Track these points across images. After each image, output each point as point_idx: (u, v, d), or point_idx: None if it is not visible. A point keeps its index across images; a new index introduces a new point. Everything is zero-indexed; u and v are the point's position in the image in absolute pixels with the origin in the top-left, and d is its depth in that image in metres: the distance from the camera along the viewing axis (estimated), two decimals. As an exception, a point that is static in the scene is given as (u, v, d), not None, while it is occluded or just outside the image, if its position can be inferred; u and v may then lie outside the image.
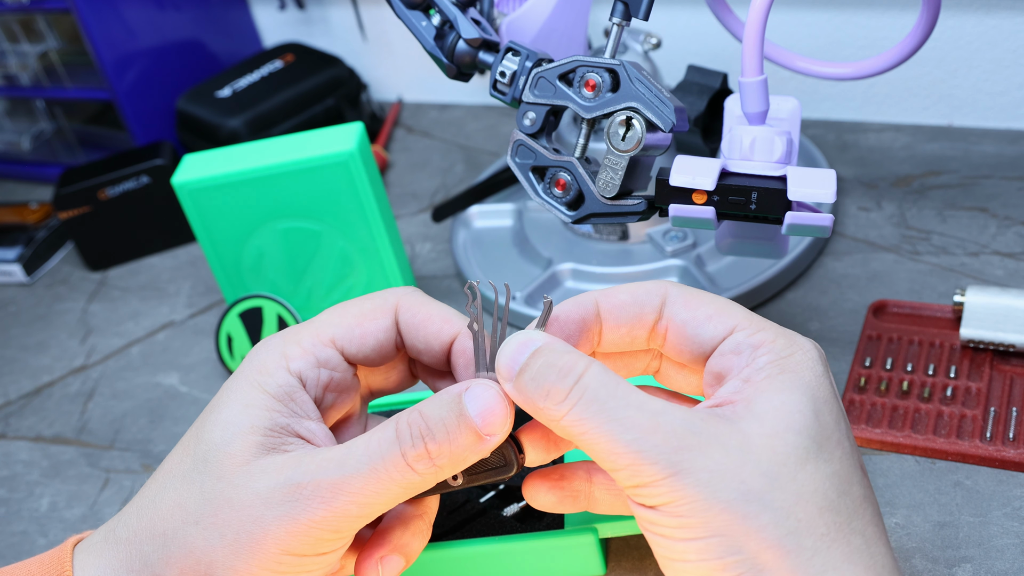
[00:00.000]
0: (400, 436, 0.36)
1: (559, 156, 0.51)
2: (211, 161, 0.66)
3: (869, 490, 0.35)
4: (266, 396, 0.38)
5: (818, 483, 0.33)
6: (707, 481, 0.32)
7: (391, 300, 0.42)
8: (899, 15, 0.77)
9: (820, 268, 0.66)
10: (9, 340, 0.79)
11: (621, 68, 0.48)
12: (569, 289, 0.68)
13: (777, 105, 0.51)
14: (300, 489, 0.36)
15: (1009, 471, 0.49)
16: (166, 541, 0.37)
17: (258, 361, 0.39)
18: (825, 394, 0.35)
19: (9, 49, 0.98)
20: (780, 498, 0.32)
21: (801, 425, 0.34)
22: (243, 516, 0.36)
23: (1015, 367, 0.54)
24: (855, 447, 0.35)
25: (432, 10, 0.54)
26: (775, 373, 0.35)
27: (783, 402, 0.34)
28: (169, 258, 0.86)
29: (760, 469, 0.33)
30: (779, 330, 0.37)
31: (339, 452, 0.37)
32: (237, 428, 0.37)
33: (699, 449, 0.33)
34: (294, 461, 0.37)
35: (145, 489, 0.40)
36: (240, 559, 0.36)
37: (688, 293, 0.39)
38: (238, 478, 0.37)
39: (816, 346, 0.37)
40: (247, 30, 1.08)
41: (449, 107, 1.01)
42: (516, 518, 0.49)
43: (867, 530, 0.33)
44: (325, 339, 0.40)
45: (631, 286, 0.40)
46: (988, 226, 0.67)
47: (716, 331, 0.37)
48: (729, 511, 0.32)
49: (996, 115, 0.78)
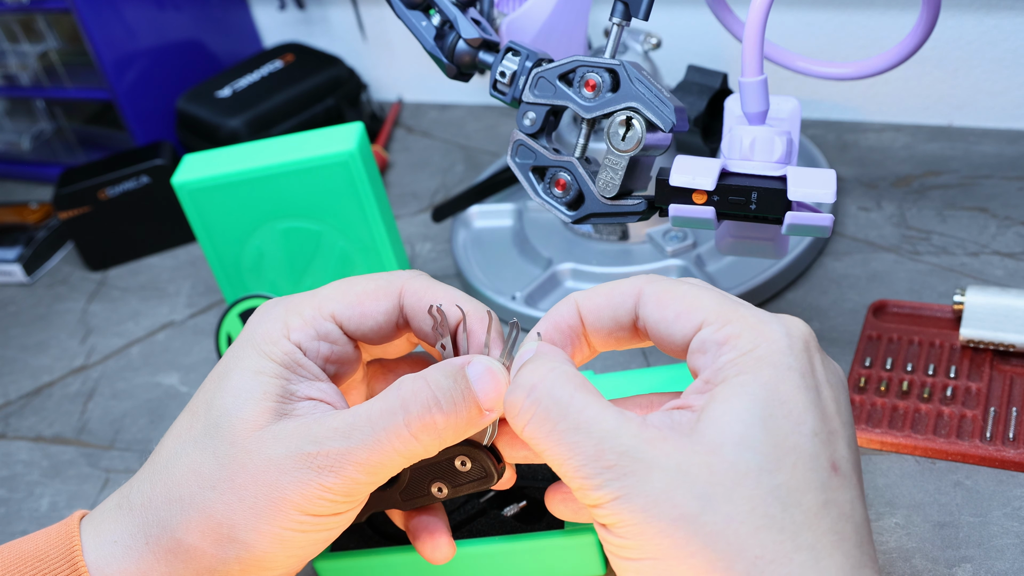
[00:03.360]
0: (405, 405, 0.37)
1: (559, 156, 0.51)
2: (211, 161, 0.66)
3: (840, 489, 0.33)
4: (273, 364, 0.39)
5: (756, 501, 0.31)
6: (644, 506, 0.32)
7: (396, 283, 0.42)
8: (899, 15, 0.77)
9: (820, 268, 0.66)
10: (9, 340, 0.79)
11: (621, 68, 0.48)
12: (569, 289, 0.68)
13: (777, 105, 0.51)
14: (310, 458, 0.37)
15: (1009, 471, 0.49)
16: (183, 506, 0.38)
17: (262, 330, 0.40)
18: (787, 391, 0.33)
19: (9, 49, 0.98)
20: (712, 521, 0.31)
21: (742, 436, 0.32)
22: (259, 480, 0.37)
23: (1015, 367, 0.54)
24: (830, 445, 0.33)
25: (432, 10, 0.54)
26: (732, 375, 0.34)
27: (729, 411, 0.33)
28: (169, 258, 0.86)
29: (695, 492, 0.32)
30: (748, 321, 0.35)
31: (345, 422, 0.37)
32: (249, 394, 0.38)
33: (640, 474, 0.32)
34: (304, 429, 0.37)
35: (155, 456, 0.40)
36: (262, 520, 0.37)
37: (660, 290, 0.37)
38: (251, 443, 0.37)
39: (791, 331, 0.35)
40: (247, 30, 1.08)
41: (449, 107, 1.01)
42: (516, 518, 0.49)
43: (819, 543, 0.31)
44: (325, 313, 0.41)
45: (607, 287, 0.39)
46: (988, 226, 0.67)
47: (685, 329, 0.36)
48: (663, 535, 0.32)
49: (996, 115, 0.78)
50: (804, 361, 0.34)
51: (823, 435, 0.33)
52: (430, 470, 0.41)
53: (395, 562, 0.48)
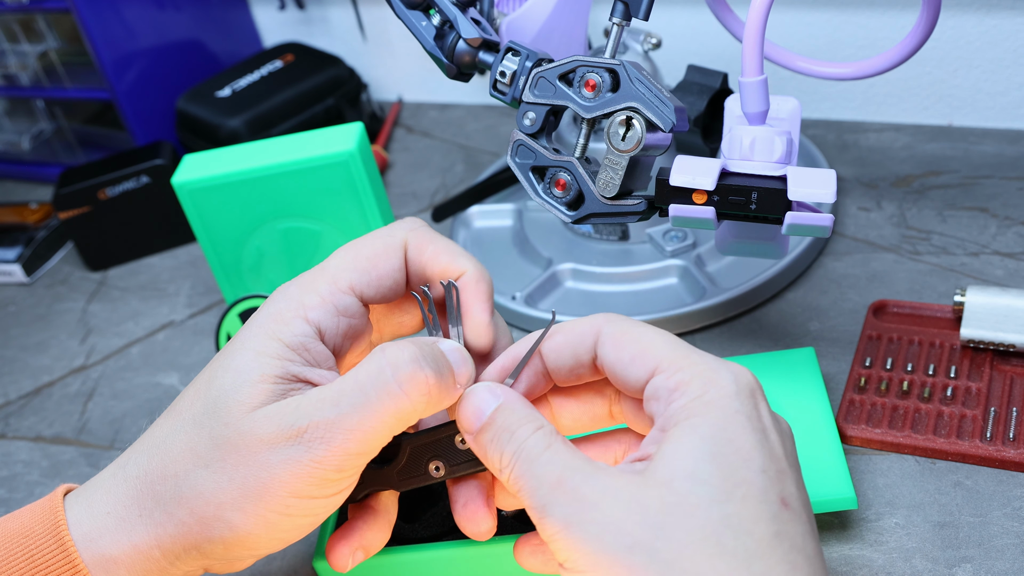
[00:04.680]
0: (393, 363, 0.37)
1: (559, 156, 0.51)
2: (211, 161, 0.66)
3: (791, 523, 0.33)
4: (280, 344, 0.39)
5: (709, 530, 0.32)
6: (596, 534, 0.33)
7: (399, 236, 0.42)
8: (899, 15, 0.77)
9: (820, 268, 0.66)
10: (9, 340, 0.79)
11: (621, 68, 0.48)
12: (569, 289, 0.68)
13: (777, 105, 0.51)
14: (300, 432, 0.37)
15: (1009, 471, 0.49)
16: (177, 482, 0.38)
17: (275, 310, 0.40)
18: (734, 432, 0.34)
19: (9, 49, 0.98)
20: (665, 548, 0.32)
21: (692, 471, 0.33)
22: (249, 461, 0.37)
23: (1015, 367, 0.54)
24: (779, 482, 0.34)
25: (432, 10, 0.54)
26: (682, 419, 0.34)
27: (678, 449, 0.34)
28: (169, 258, 0.86)
29: (647, 520, 0.32)
30: (699, 368, 0.36)
31: (332, 391, 0.37)
32: (247, 376, 0.38)
33: (591, 502, 0.33)
34: (293, 405, 0.37)
35: (156, 429, 0.40)
36: (249, 502, 0.37)
37: (618, 331, 0.38)
38: (243, 424, 0.38)
39: (739, 377, 0.36)
40: (247, 30, 1.08)
41: (449, 107, 1.01)
42: (516, 518, 0.49)
43: (773, 571, 0.32)
44: (343, 286, 0.41)
45: (568, 325, 0.40)
46: (988, 226, 0.67)
47: (639, 374, 0.37)
48: (617, 563, 0.32)
49: (996, 115, 0.78)
50: (750, 406, 0.35)
51: (771, 472, 0.34)
52: (429, 447, 0.41)
53: (396, 562, 0.48)
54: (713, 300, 0.62)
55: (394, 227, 0.43)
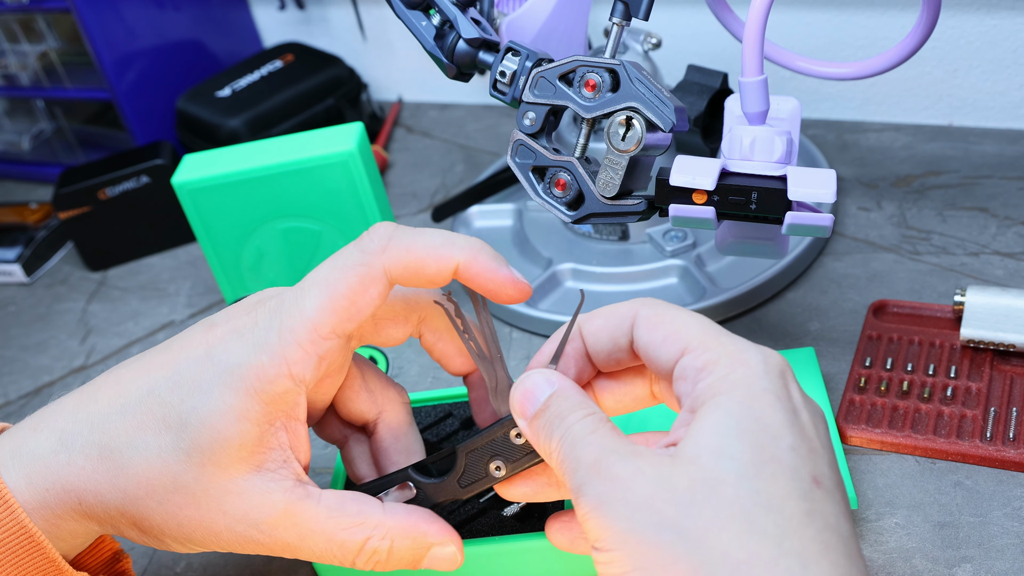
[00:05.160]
0: (365, 549, 0.40)
1: (559, 156, 0.51)
2: (211, 161, 0.66)
3: (824, 502, 0.33)
4: (262, 406, 0.38)
5: (738, 506, 0.32)
6: (626, 513, 0.33)
7: (377, 266, 0.40)
8: (899, 15, 0.77)
9: (820, 268, 0.66)
10: (9, 340, 0.79)
11: (621, 68, 0.48)
12: (569, 289, 0.68)
13: (777, 105, 0.51)
14: (260, 535, 0.39)
15: (1009, 471, 0.49)
16: (127, 497, 0.39)
17: (257, 364, 0.38)
18: (763, 410, 0.34)
19: (9, 49, 0.98)
20: (693, 526, 0.32)
21: (718, 447, 0.33)
22: (204, 524, 0.39)
23: (1015, 367, 0.54)
24: (810, 461, 0.33)
25: (432, 10, 0.54)
26: (709, 398, 0.34)
27: (704, 427, 0.34)
28: (169, 258, 0.86)
29: (675, 498, 0.32)
30: (727, 348, 0.36)
31: (298, 535, 0.40)
32: (227, 441, 0.38)
33: (622, 481, 0.33)
34: (267, 503, 0.39)
35: (111, 428, 0.40)
36: (192, 542, 0.40)
37: (653, 313, 0.39)
38: (213, 491, 0.39)
39: (768, 358, 0.36)
40: (247, 30, 1.08)
41: (449, 107, 1.01)
42: (516, 518, 0.49)
43: (806, 550, 0.31)
44: (325, 332, 0.39)
45: (606, 310, 0.40)
46: (988, 226, 0.67)
47: (669, 354, 0.37)
48: (645, 542, 0.32)
49: (996, 115, 0.78)
50: (780, 385, 0.35)
51: (802, 451, 0.33)
52: (487, 449, 0.41)
53: (395, 562, 0.48)
54: (713, 300, 0.62)
55: (368, 249, 0.40)
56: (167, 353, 0.41)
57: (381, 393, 0.46)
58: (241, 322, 0.40)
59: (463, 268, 0.41)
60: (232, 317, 0.41)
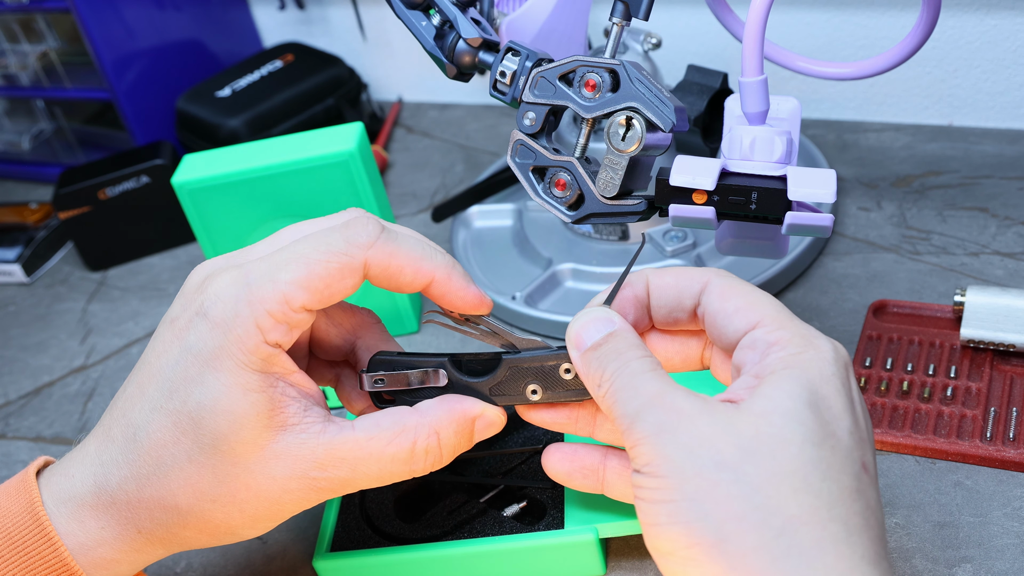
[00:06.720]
0: (416, 451, 0.41)
1: (559, 156, 0.51)
2: (211, 161, 0.66)
3: (868, 487, 0.35)
4: (256, 375, 0.39)
5: (798, 465, 0.33)
6: (686, 444, 0.34)
7: (359, 258, 0.40)
8: (899, 15, 0.77)
9: (820, 268, 0.66)
10: (9, 340, 0.79)
11: (621, 68, 0.48)
12: (569, 289, 0.68)
13: (777, 105, 0.51)
14: (314, 482, 0.40)
15: (1009, 471, 0.49)
16: (181, 512, 0.40)
17: (235, 337, 0.39)
18: (829, 392, 0.35)
19: (9, 49, 0.98)
20: (752, 472, 0.33)
21: (790, 410, 0.34)
22: (261, 496, 0.40)
23: (1015, 367, 0.54)
24: (861, 448, 0.35)
25: (432, 10, 0.54)
26: (780, 368, 0.36)
27: (778, 390, 0.35)
28: (169, 258, 0.86)
29: (738, 442, 0.34)
30: (799, 330, 0.37)
31: (353, 454, 0.40)
32: (243, 418, 0.39)
33: (687, 415, 0.35)
34: (307, 451, 0.40)
35: (135, 458, 0.40)
36: (259, 523, 0.41)
37: (726, 284, 0.40)
38: (253, 464, 0.39)
39: (836, 350, 0.37)
40: (247, 30, 1.08)
41: (449, 107, 1.01)
42: (516, 518, 0.49)
43: (851, 521, 0.33)
44: (296, 306, 0.39)
45: (678, 270, 0.42)
46: (988, 226, 0.67)
47: (740, 324, 0.39)
48: (701, 476, 0.33)
49: (996, 115, 0.78)
50: (844, 375, 0.37)
51: (856, 437, 0.35)
52: (532, 371, 0.42)
53: (395, 562, 0.48)
54: (713, 300, 0.62)
55: (355, 243, 0.41)
56: (149, 366, 0.41)
57: (349, 322, 0.47)
58: (199, 303, 0.40)
59: (436, 284, 0.42)
60: (188, 303, 0.41)
